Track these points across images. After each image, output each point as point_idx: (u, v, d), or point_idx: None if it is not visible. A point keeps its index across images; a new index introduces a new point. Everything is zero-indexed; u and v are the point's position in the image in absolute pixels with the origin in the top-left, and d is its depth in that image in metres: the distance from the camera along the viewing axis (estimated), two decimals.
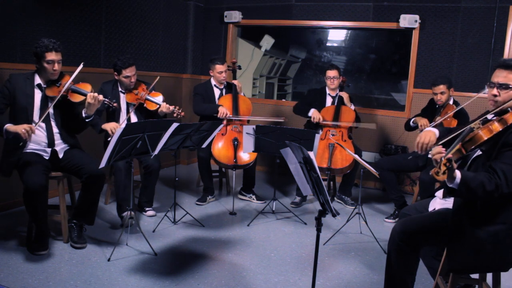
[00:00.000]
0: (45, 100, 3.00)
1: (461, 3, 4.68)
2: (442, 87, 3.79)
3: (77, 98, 3.02)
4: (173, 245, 3.25)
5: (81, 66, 3.01)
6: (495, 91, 2.02)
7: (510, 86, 1.98)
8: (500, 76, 2.02)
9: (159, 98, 3.73)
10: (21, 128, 2.72)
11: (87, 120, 3.07)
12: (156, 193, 3.89)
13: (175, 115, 3.69)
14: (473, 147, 1.99)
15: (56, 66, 2.92)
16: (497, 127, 1.95)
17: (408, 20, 4.80)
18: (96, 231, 3.34)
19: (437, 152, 1.90)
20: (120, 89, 3.73)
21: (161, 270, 2.83)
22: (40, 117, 2.95)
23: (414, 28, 4.86)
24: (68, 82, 2.98)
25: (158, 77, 3.79)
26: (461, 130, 2.06)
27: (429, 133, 2.25)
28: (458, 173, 1.88)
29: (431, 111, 4.02)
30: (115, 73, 3.67)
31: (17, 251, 2.93)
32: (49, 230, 2.99)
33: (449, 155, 1.86)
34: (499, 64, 2.04)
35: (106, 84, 3.71)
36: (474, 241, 1.96)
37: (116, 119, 3.70)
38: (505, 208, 1.95)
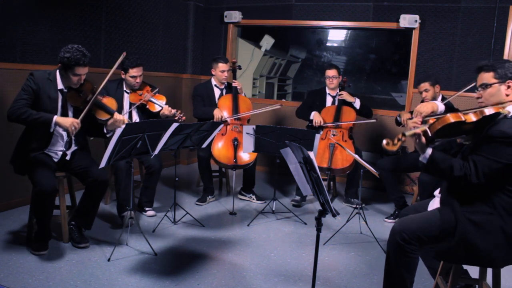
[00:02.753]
0: (65, 106, 2.97)
1: (461, 3, 4.68)
2: (424, 85, 3.82)
3: (104, 116, 3.00)
4: (173, 245, 3.25)
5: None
6: (476, 94, 2.15)
7: (485, 83, 2.09)
8: (478, 79, 2.15)
9: (162, 101, 3.75)
10: (70, 124, 2.78)
11: (108, 135, 3.09)
12: (156, 193, 3.89)
13: (176, 118, 3.70)
14: (439, 127, 2.04)
15: (82, 79, 2.92)
16: (469, 117, 2.03)
17: (408, 20, 4.80)
18: (96, 231, 3.33)
19: (413, 122, 2.09)
20: (124, 88, 3.74)
21: (161, 270, 2.83)
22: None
23: (414, 28, 4.86)
24: (93, 96, 2.94)
25: (158, 89, 3.83)
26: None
27: (430, 104, 2.35)
28: (429, 150, 2.05)
29: None
30: (122, 71, 3.68)
31: (17, 251, 2.93)
32: (51, 231, 3.00)
33: (409, 133, 2.01)
34: (475, 70, 2.18)
35: (111, 82, 3.71)
36: (461, 229, 2.01)
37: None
38: (491, 201, 1.99)
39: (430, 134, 2.07)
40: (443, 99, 3.89)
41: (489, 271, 2.22)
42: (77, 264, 2.81)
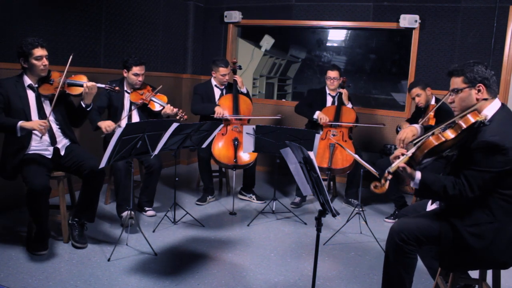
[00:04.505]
0: (39, 99, 2.99)
1: (461, 3, 4.68)
2: (415, 90, 3.86)
3: (77, 91, 3.05)
4: (173, 245, 3.25)
5: (70, 58, 3.03)
6: (449, 98, 2.13)
7: (456, 88, 2.08)
8: (450, 84, 2.13)
9: (163, 101, 3.78)
10: (36, 124, 2.75)
11: (88, 109, 3.12)
12: (156, 193, 3.89)
13: (178, 117, 3.73)
14: (424, 153, 2.02)
15: (45, 61, 2.94)
16: (448, 135, 1.99)
17: (408, 20, 4.80)
18: (96, 231, 3.34)
19: (394, 157, 2.08)
20: (125, 88, 3.75)
21: (161, 270, 2.83)
22: (40, 115, 2.96)
23: (414, 28, 4.86)
24: (62, 77, 3.00)
25: (161, 86, 3.84)
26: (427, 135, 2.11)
27: (409, 129, 2.34)
28: (418, 174, 2.02)
29: (418, 114, 4.06)
30: (124, 70, 3.70)
31: (17, 251, 2.93)
32: (49, 230, 2.99)
33: (393, 168, 2.00)
34: (447, 74, 2.16)
35: (112, 82, 3.71)
36: (461, 241, 2.00)
37: (118, 117, 3.71)
38: (488, 207, 1.99)
39: (415, 161, 2.05)
40: (437, 100, 3.91)
41: (489, 271, 2.22)
42: (77, 264, 2.81)
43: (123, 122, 3.67)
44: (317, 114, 4.34)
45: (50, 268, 2.73)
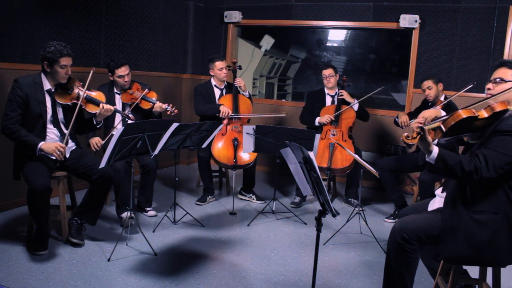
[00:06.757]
0: (54, 106, 2.99)
1: (461, 3, 4.68)
2: (427, 82, 3.86)
3: (92, 109, 3.06)
4: (173, 245, 3.25)
5: (91, 73, 3.04)
6: (489, 85, 2.17)
7: (502, 78, 2.11)
8: (495, 72, 2.17)
9: (154, 98, 3.77)
10: (54, 150, 2.82)
11: (98, 127, 3.14)
12: (156, 193, 3.89)
13: (168, 112, 3.72)
14: (455, 121, 2.05)
15: (69, 71, 2.94)
16: (482, 113, 2.05)
17: (408, 20, 4.80)
18: (96, 231, 3.34)
19: (417, 122, 2.12)
20: (115, 90, 3.75)
21: (161, 270, 2.83)
22: (54, 121, 2.99)
23: (414, 28, 4.86)
24: (83, 91, 2.99)
25: (149, 86, 3.83)
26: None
27: (435, 110, 2.41)
28: (435, 148, 2.01)
29: (424, 108, 4.05)
30: (109, 74, 3.69)
31: (17, 251, 2.94)
32: (49, 230, 2.99)
33: (421, 125, 2.01)
34: (497, 64, 2.20)
35: (102, 87, 3.72)
36: (465, 229, 1.99)
37: (111, 121, 3.72)
38: (496, 198, 1.98)
39: (444, 130, 2.07)
40: (445, 98, 3.90)
41: (489, 271, 2.22)
42: (77, 264, 2.81)
43: (119, 126, 3.66)
44: (318, 120, 4.36)
45: (50, 268, 2.73)
